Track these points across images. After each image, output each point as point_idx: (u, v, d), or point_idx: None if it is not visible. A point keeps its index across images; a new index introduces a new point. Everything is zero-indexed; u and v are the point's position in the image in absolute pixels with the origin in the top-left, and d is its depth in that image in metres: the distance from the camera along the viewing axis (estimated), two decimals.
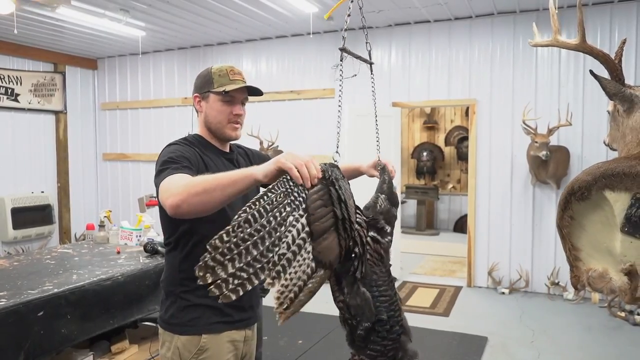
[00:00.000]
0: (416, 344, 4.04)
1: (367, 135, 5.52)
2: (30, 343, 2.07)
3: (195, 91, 1.76)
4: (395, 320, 1.40)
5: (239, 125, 1.76)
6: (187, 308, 1.63)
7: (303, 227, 1.19)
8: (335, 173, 1.32)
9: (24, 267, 2.64)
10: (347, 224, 1.29)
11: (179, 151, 1.61)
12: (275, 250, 1.14)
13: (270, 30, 6.14)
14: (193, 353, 1.62)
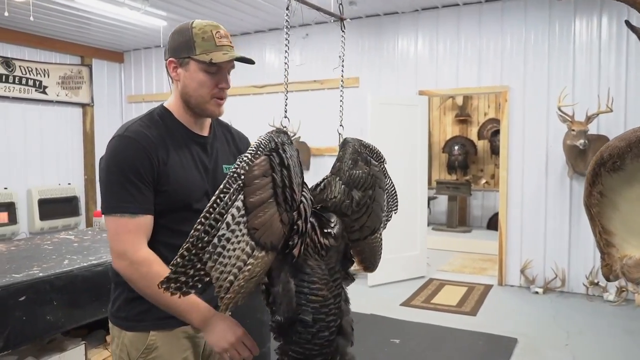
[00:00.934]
0: (438, 343, 3.78)
1: (391, 125, 5.31)
2: (10, 329, 1.95)
3: (171, 54, 1.44)
4: (325, 325, 1.21)
5: (224, 101, 1.49)
6: (135, 301, 1.42)
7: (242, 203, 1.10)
8: (281, 138, 1.19)
9: (19, 252, 2.55)
10: (288, 192, 1.14)
11: (135, 162, 1.35)
12: (215, 232, 1.08)
13: (294, 18, 5.96)
14: (140, 352, 1.42)
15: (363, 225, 1.44)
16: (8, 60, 6.09)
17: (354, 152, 1.51)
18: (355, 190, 1.42)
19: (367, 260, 1.50)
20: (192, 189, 1.45)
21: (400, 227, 5.37)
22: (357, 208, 1.41)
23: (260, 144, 1.17)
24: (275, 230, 1.13)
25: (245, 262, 1.09)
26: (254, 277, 1.12)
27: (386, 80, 5.77)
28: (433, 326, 4.09)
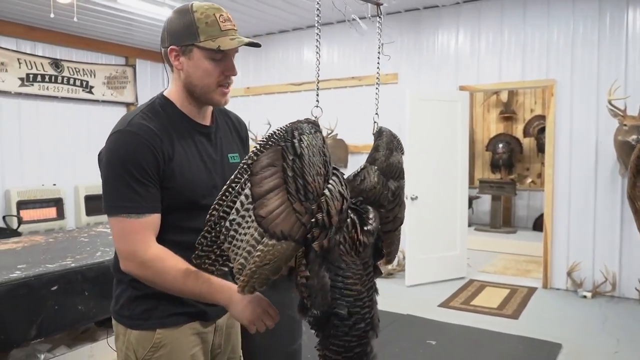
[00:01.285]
0: (476, 346, 3.62)
1: (431, 121, 5.18)
2: (43, 317, 2.00)
3: (172, 42, 1.34)
4: (360, 318, 1.20)
5: (229, 89, 1.41)
6: (139, 299, 1.39)
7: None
8: (301, 128, 1.16)
9: (56, 244, 2.62)
10: (300, 181, 1.11)
11: (139, 158, 1.28)
12: (229, 218, 1.11)
13: (332, 14, 5.92)
14: (147, 350, 1.37)
15: (396, 217, 1.40)
16: (57, 61, 6.33)
17: (390, 142, 1.47)
18: (391, 181, 1.38)
19: (391, 253, 1.44)
20: (199, 185, 1.39)
21: (440, 226, 5.24)
22: (393, 198, 1.37)
23: (274, 134, 1.16)
24: (288, 220, 1.11)
25: (254, 247, 1.10)
26: (266, 263, 1.12)
27: (425, 75, 5.64)
28: (471, 328, 3.95)
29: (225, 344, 1.56)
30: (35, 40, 6.14)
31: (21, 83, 5.98)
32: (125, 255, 1.30)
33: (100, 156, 1.35)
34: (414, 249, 5.13)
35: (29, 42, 6.11)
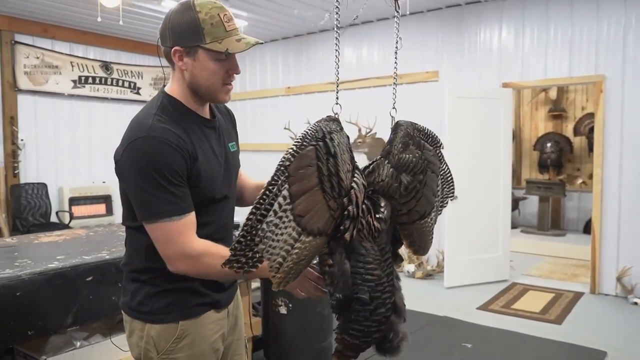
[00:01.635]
0: (514, 350, 3.53)
1: (471, 119, 5.05)
2: (78, 306, 2.09)
3: (176, 42, 1.33)
4: (381, 303, 1.23)
5: (232, 86, 1.43)
6: (158, 294, 1.41)
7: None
8: (329, 127, 1.20)
9: (95, 237, 2.73)
10: (335, 179, 1.15)
11: (171, 162, 1.30)
12: (266, 220, 1.09)
13: (372, 13, 5.90)
14: (171, 342, 1.40)
15: (411, 210, 1.39)
16: (107, 64, 6.61)
17: (405, 136, 1.47)
18: (404, 175, 1.38)
19: (415, 244, 1.44)
20: (217, 181, 1.43)
21: (481, 227, 5.11)
22: (406, 192, 1.37)
23: (307, 134, 1.18)
24: (323, 217, 1.15)
25: (292, 246, 1.12)
26: (302, 259, 1.16)
27: (467, 73, 5.51)
28: (510, 332, 3.83)
29: (234, 327, 1.62)
30: (87, 44, 6.44)
31: (74, 85, 6.28)
32: (175, 258, 1.32)
33: (120, 164, 1.34)
34: (453, 249, 5.02)
35: (82, 46, 6.41)
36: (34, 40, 5.96)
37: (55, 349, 2.18)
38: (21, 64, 5.82)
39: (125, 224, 1.47)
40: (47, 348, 2.18)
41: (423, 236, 1.42)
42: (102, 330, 2.39)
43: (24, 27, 5.85)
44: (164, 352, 1.41)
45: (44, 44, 6.05)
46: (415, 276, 5.39)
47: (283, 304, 2.95)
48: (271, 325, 3.03)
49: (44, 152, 6.08)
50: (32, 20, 5.87)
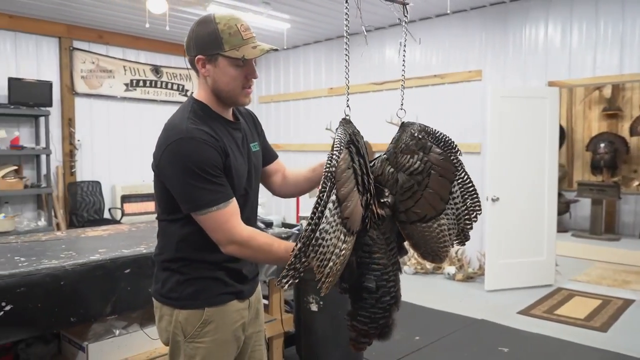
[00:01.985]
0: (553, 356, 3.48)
1: (515, 119, 4.93)
2: (117, 297, 2.22)
3: (198, 52, 1.46)
4: (386, 291, 1.30)
5: (252, 90, 1.55)
6: (187, 282, 1.53)
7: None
8: (351, 129, 1.32)
9: (137, 232, 2.88)
10: (365, 178, 1.26)
11: (209, 159, 1.41)
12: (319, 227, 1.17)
13: (414, 13, 5.86)
14: (196, 327, 1.51)
15: (408, 209, 1.43)
16: (157, 67, 6.90)
17: (409, 137, 1.51)
18: (401, 174, 1.42)
19: (419, 247, 1.47)
20: (242, 176, 1.54)
21: (524, 230, 4.98)
22: (401, 191, 1.41)
23: (341, 139, 1.27)
24: (359, 215, 1.24)
25: (340, 249, 1.19)
26: (345, 259, 1.23)
27: (511, 72, 5.37)
28: (550, 338, 3.72)
29: (255, 319, 1.71)
30: (138, 48, 6.74)
31: (126, 88, 6.60)
32: (226, 242, 1.43)
33: (161, 165, 1.45)
34: (495, 252, 4.92)
35: (134, 51, 6.72)
36: (90, 46, 6.31)
37: (96, 336, 2.33)
38: (78, 69, 6.17)
39: (159, 217, 1.59)
40: (89, 335, 2.33)
41: (427, 241, 1.42)
42: (139, 320, 2.53)
43: (81, 34, 6.20)
44: (190, 336, 1.52)
45: (99, 49, 6.39)
46: (456, 278, 5.31)
47: (314, 301, 3.00)
48: (303, 322, 3.09)
49: (98, 152, 6.42)
50: (88, 28, 6.22)
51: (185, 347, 1.53)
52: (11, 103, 5.43)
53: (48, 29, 5.94)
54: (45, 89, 5.68)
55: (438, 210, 1.43)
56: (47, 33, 5.95)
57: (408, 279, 5.48)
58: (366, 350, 3.14)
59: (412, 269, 5.67)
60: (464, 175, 1.49)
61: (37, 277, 1.98)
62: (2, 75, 5.54)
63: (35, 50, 5.91)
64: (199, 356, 1.52)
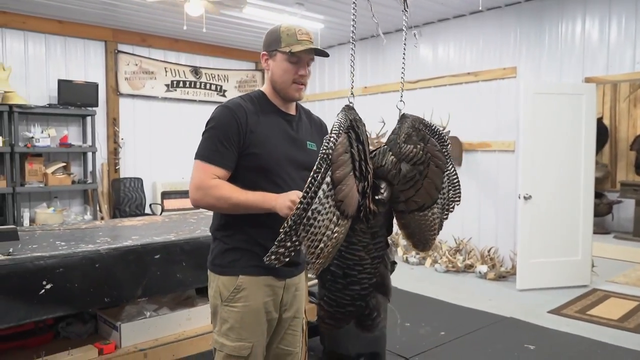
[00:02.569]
0: (582, 355, 3.50)
1: (549, 116, 4.86)
2: (147, 280, 2.37)
3: (264, 49, 1.78)
4: (355, 280, 1.33)
5: (303, 87, 1.76)
6: (227, 251, 1.73)
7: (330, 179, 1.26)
8: (353, 115, 1.36)
9: (169, 223, 3.05)
10: (363, 164, 1.30)
11: (229, 125, 1.66)
12: (311, 207, 1.23)
13: (447, 10, 5.85)
14: (231, 291, 1.70)
15: (409, 199, 1.47)
16: (196, 68, 7.15)
17: (409, 127, 1.55)
18: (404, 163, 1.46)
19: (415, 236, 1.52)
20: (275, 153, 1.70)
21: (558, 229, 4.90)
22: (404, 180, 1.45)
23: (340, 123, 1.33)
24: (354, 200, 1.29)
25: (332, 231, 1.24)
26: (339, 242, 1.29)
27: (547, 68, 5.28)
28: (580, 337, 3.66)
29: (292, 303, 1.83)
30: (179, 51, 7.01)
31: (167, 89, 6.88)
32: (194, 187, 1.65)
33: (207, 122, 1.75)
34: (526, 251, 4.86)
35: (174, 53, 6.99)
36: (133, 49, 6.61)
37: (129, 317, 2.49)
38: (122, 71, 6.48)
39: None
40: (122, 316, 2.50)
41: (422, 229, 1.48)
42: (169, 304, 2.68)
43: (125, 38, 6.51)
44: (225, 299, 1.71)
45: (142, 52, 6.69)
46: (487, 277, 5.27)
47: None
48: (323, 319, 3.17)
49: (140, 150, 6.71)
50: (132, 31, 6.52)
51: (221, 311, 1.73)
52: (61, 103, 5.77)
53: (95, 34, 6.27)
54: (92, 90, 6.00)
55: (434, 199, 1.48)
56: (94, 37, 6.28)
57: (439, 277, 5.47)
58: (388, 342, 3.19)
59: (443, 267, 5.66)
60: (451, 167, 1.56)
61: (74, 260, 2.15)
62: (52, 78, 5.90)
63: (83, 54, 6.25)
64: (232, 319, 1.70)
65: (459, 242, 5.88)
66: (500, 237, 5.60)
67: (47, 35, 5.96)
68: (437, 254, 5.93)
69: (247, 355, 1.71)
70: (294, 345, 1.89)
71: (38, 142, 5.57)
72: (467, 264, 5.61)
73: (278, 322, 1.81)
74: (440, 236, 6.03)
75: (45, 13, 5.73)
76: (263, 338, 1.76)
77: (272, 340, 1.83)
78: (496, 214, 5.66)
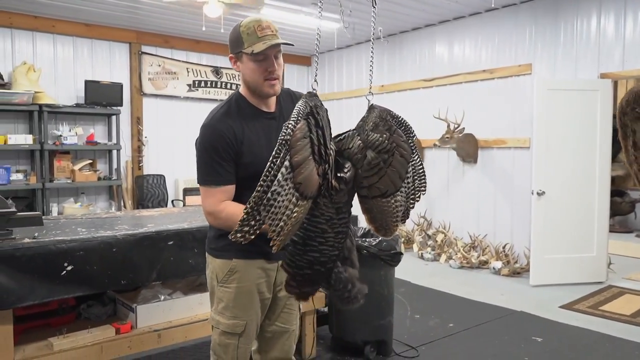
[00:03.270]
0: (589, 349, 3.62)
1: (563, 112, 4.86)
2: (161, 265, 2.52)
3: (230, 51, 1.82)
4: (315, 249, 1.41)
5: (276, 81, 1.79)
6: (221, 237, 1.84)
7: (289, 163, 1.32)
8: (314, 101, 1.40)
9: (185, 213, 3.20)
10: (323, 149, 1.37)
11: (220, 143, 1.73)
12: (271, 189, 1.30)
13: (463, 8, 5.89)
14: (225, 273, 1.84)
15: (372, 185, 1.51)
16: (218, 69, 7.34)
17: (377, 117, 1.59)
18: (370, 150, 1.51)
19: (376, 220, 1.56)
20: (264, 158, 1.68)
21: (572, 226, 4.90)
22: (368, 167, 1.49)
23: (300, 110, 1.40)
24: (314, 182, 1.36)
25: (292, 211, 1.32)
26: (298, 222, 1.38)
27: (562, 65, 5.27)
28: (589, 331, 3.68)
29: None
30: (200, 51, 7.21)
31: (189, 89, 7.08)
32: (206, 213, 1.81)
33: (195, 143, 1.82)
34: (539, 246, 4.86)
35: (196, 54, 7.19)
36: (156, 50, 6.84)
37: (144, 300, 2.64)
38: (146, 71, 6.71)
39: None
40: (138, 299, 2.66)
41: (384, 215, 1.53)
42: (183, 289, 2.83)
43: (149, 39, 6.74)
44: (220, 281, 1.86)
45: (164, 53, 6.91)
46: (501, 273, 5.29)
47: None
48: (333, 302, 3.28)
49: (163, 148, 6.93)
50: (155, 33, 6.75)
51: (217, 291, 1.87)
52: (87, 103, 6.02)
53: (120, 36, 6.51)
54: (117, 90, 6.24)
55: (397, 187, 1.52)
56: (119, 39, 6.52)
57: (452, 272, 5.52)
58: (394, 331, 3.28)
59: (457, 263, 5.70)
60: (417, 157, 1.61)
61: (93, 244, 2.32)
62: (80, 78, 6.16)
63: (108, 55, 6.50)
64: (226, 299, 1.85)
65: (474, 238, 5.91)
66: (516, 234, 5.61)
67: (75, 37, 6.22)
68: (452, 250, 5.97)
69: (241, 332, 1.85)
70: (290, 323, 2.01)
71: (66, 140, 5.83)
72: (482, 260, 5.63)
73: (273, 301, 1.94)
74: (456, 233, 6.12)
75: (73, 17, 5.99)
76: (257, 317, 1.89)
77: (269, 318, 1.96)
78: (511, 211, 5.67)
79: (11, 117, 5.77)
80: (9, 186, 5.39)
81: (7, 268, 2.08)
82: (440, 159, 6.44)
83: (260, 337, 2.01)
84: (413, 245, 6.41)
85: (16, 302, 2.11)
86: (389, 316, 3.25)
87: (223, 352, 1.88)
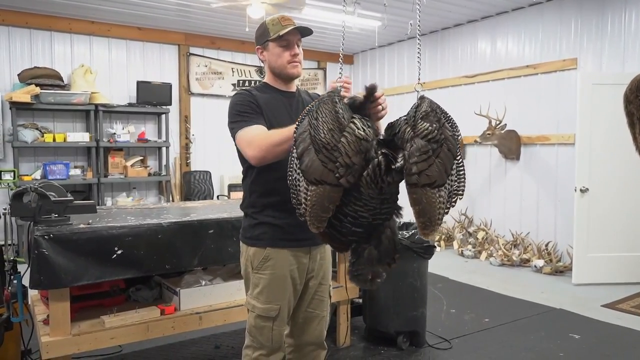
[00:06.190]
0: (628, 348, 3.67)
1: (607, 108, 4.73)
2: (202, 252, 2.69)
3: (257, 44, 2.05)
4: (349, 224, 1.60)
5: (298, 63, 2.01)
6: (256, 225, 1.99)
7: None
8: (320, 98, 1.63)
9: (226, 205, 3.38)
10: (317, 138, 1.51)
11: (245, 100, 1.94)
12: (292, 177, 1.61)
13: (506, 3, 5.82)
14: (259, 260, 1.97)
15: (422, 172, 1.49)
16: (261, 68, 7.53)
17: (427, 106, 1.62)
18: (418, 139, 1.55)
19: (425, 214, 1.51)
20: (280, 124, 1.89)
21: (618, 224, 4.77)
22: (418, 153, 1.52)
23: (305, 111, 1.63)
24: (317, 168, 1.51)
25: (307, 194, 1.54)
26: (313, 204, 1.53)
27: (608, 59, 5.13)
28: (629, 330, 3.60)
29: (318, 270, 2.09)
30: (245, 52, 7.44)
31: (233, 88, 7.33)
32: (247, 147, 1.87)
33: (228, 114, 2.01)
34: (582, 244, 4.76)
35: (241, 54, 7.44)
36: (203, 51, 7.12)
37: (187, 284, 2.83)
38: (193, 72, 7.01)
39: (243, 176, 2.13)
40: (182, 283, 2.84)
41: (432, 207, 1.50)
42: (223, 276, 3.00)
43: (196, 41, 7.03)
44: (255, 267, 1.99)
45: (211, 54, 7.18)
46: (543, 271, 5.20)
47: None
48: (367, 293, 3.37)
49: (209, 145, 7.20)
50: (202, 35, 7.03)
51: (252, 277, 2.01)
52: (139, 103, 6.37)
53: (170, 38, 6.83)
54: (166, 90, 6.55)
55: (444, 180, 1.52)
56: (168, 41, 6.85)
57: (493, 270, 5.48)
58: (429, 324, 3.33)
59: (498, 260, 5.64)
60: (460, 158, 1.59)
61: (141, 230, 2.51)
62: (132, 79, 6.51)
63: (159, 57, 6.84)
64: (262, 284, 1.98)
65: (516, 236, 5.84)
66: (559, 232, 5.50)
67: (128, 40, 6.59)
68: (493, 248, 5.92)
69: (275, 316, 1.97)
70: (321, 309, 2.13)
71: (119, 138, 6.18)
72: (523, 258, 5.56)
73: (305, 287, 2.06)
74: (497, 230, 6.06)
75: (127, 21, 6.34)
76: (289, 302, 2.01)
77: (300, 304, 2.08)
78: (555, 209, 5.56)
79: (70, 117, 6.18)
80: (67, 181, 5.78)
81: (65, 251, 2.30)
82: (482, 156, 6.39)
83: (293, 322, 2.13)
84: (453, 243, 6.39)
85: (73, 281, 2.32)
86: (421, 308, 3.31)
87: (259, 334, 2.00)
